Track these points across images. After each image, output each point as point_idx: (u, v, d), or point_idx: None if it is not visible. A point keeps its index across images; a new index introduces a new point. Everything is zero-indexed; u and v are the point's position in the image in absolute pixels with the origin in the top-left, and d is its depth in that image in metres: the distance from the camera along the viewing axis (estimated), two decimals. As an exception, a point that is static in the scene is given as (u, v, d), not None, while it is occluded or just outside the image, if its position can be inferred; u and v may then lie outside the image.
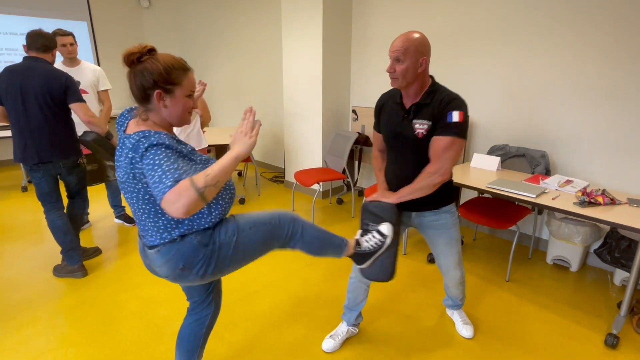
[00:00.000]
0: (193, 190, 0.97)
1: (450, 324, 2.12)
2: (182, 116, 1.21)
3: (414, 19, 3.44)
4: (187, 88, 1.18)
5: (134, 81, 1.14)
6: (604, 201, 2.01)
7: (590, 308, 2.26)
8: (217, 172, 1.04)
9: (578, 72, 2.59)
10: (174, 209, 0.97)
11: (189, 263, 1.18)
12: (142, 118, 1.19)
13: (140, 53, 1.13)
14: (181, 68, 1.17)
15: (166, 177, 0.99)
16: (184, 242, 1.18)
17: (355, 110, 4.08)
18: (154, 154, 1.04)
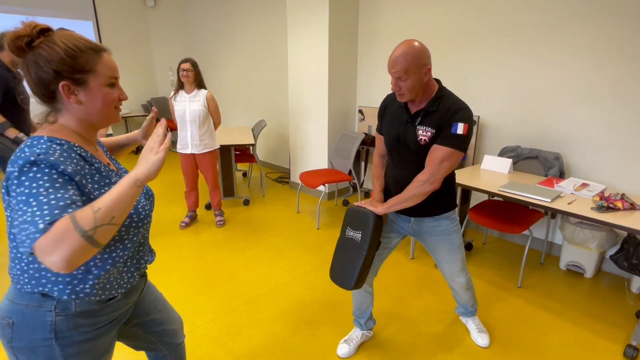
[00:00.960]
0: (76, 235, 0.69)
1: (461, 331, 2.05)
2: (105, 111, 0.91)
3: (421, 17, 3.36)
4: (104, 74, 0.89)
5: (28, 75, 0.84)
6: (623, 206, 1.93)
7: (607, 317, 2.18)
8: (111, 203, 0.75)
9: (593, 71, 2.50)
10: (52, 263, 0.69)
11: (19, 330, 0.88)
12: (50, 121, 0.90)
13: (29, 36, 0.82)
14: (91, 49, 0.87)
15: (41, 214, 0.71)
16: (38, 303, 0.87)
17: (361, 111, 4.01)
18: (31, 178, 0.75)
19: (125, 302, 1.03)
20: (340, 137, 3.84)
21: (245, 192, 4.43)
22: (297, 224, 3.49)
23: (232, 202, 4.03)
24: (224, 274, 2.63)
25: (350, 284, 1.61)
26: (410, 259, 2.84)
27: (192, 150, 3.13)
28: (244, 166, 5.44)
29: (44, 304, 0.87)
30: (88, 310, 0.92)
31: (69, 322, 0.89)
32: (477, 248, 3.02)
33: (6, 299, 0.91)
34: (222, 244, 3.09)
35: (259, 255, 2.89)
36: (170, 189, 4.45)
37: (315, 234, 3.28)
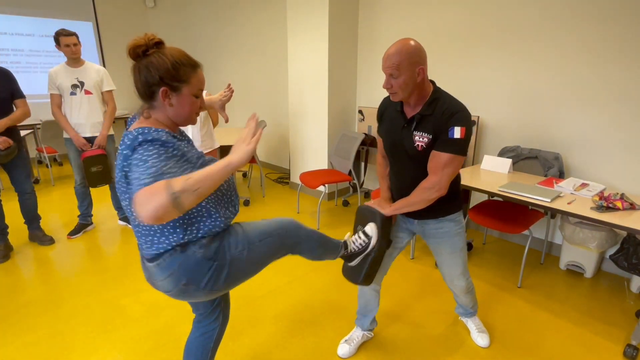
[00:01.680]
0: (166, 193, 0.83)
1: (461, 331, 2.05)
2: (188, 116, 1.12)
3: (421, 18, 3.37)
4: (195, 86, 1.10)
5: (138, 76, 1.05)
6: (622, 206, 1.93)
7: (606, 317, 2.18)
8: (201, 177, 0.89)
9: (593, 71, 2.51)
10: (142, 212, 0.82)
11: (194, 278, 1.09)
12: (145, 116, 1.10)
13: (146, 46, 1.04)
14: (190, 64, 1.08)
15: (147, 174, 0.89)
16: (185, 254, 1.07)
17: (361, 111, 4.01)
18: (145, 149, 0.95)
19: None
20: (340, 137, 3.84)
21: (245, 192, 4.43)
22: (297, 224, 3.49)
23: (232, 202, 4.03)
24: (224, 274, 2.63)
25: (358, 279, 1.64)
26: (410, 259, 2.84)
27: None
28: (243, 167, 5.44)
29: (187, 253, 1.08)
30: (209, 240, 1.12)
31: (208, 250, 1.10)
32: (477, 248, 3.03)
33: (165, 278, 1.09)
34: (222, 244, 3.08)
35: (260, 256, 2.89)
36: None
37: (315, 234, 3.28)
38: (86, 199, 3.23)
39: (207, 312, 1.44)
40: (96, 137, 3.05)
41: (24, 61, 5.54)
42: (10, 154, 2.70)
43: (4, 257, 2.85)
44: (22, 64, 5.52)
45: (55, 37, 2.83)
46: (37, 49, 5.61)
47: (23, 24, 5.44)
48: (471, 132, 1.47)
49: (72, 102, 2.94)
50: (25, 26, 5.47)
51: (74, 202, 3.81)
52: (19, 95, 2.76)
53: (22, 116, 2.77)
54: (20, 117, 2.75)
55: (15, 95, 2.74)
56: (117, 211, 3.45)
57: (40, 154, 5.04)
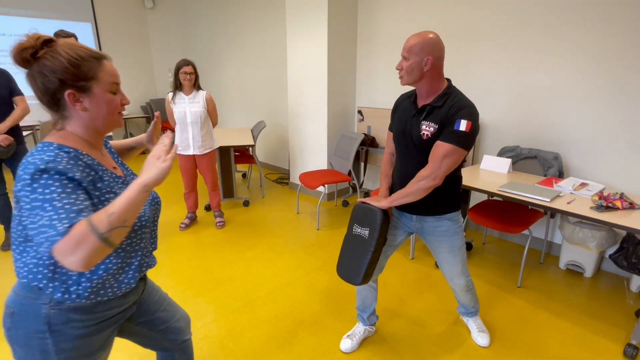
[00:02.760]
0: (94, 238, 0.76)
1: (462, 330, 2.05)
2: (109, 118, 0.95)
3: (421, 17, 3.37)
4: (106, 81, 0.92)
5: (35, 85, 0.88)
6: (622, 205, 1.93)
7: (606, 316, 2.18)
8: (123, 208, 0.81)
9: (592, 71, 2.51)
10: (71, 262, 0.75)
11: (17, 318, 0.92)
12: (57, 129, 0.93)
13: (33, 47, 0.86)
14: (92, 57, 0.90)
15: (58, 218, 0.77)
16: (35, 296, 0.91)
17: (361, 111, 4.01)
18: (43, 185, 0.80)
19: (120, 302, 1.03)
20: (339, 137, 3.84)
21: (244, 193, 4.43)
22: (297, 225, 3.49)
23: (231, 203, 4.03)
24: (224, 275, 2.63)
25: (357, 279, 1.63)
26: (410, 259, 2.84)
27: (194, 151, 3.14)
28: (243, 167, 5.44)
29: (40, 296, 0.91)
30: (81, 306, 0.94)
31: (62, 316, 0.92)
32: (476, 248, 3.03)
33: (12, 291, 0.96)
34: (221, 245, 3.09)
35: (259, 257, 2.89)
36: (170, 190, 4.45)
37: (315, 234, 3.28)
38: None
39: None
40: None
41: (22, 62, 5.53)
42: (10, 150, 2.81)
43: (9, 246, 2.94)
44: (21, 65, 5.51)
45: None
46: (35, 50, 5.60)
47: (22, 25, 5.43)
48: (477, 129, 1.49)
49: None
50: (24, 27, 5.45)
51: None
52: (18, 93, 2.84)
53: (22, 113, 2.86)
54: (21, 115, 2.85)
55: (14, 93, 2.82)
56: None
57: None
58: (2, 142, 2.72)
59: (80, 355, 0.97)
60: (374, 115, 3.87)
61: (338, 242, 3.14)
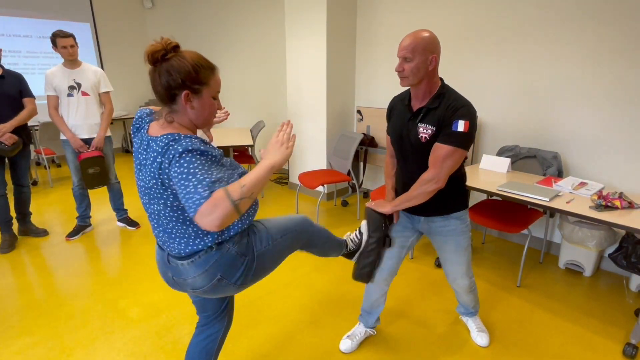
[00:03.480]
0: (229, 202, 0.92)
1: (461, 330, 2.05)
2: (208, 118, 1.15)
3: (420, 16, 3.36)
4: (214, 88, 1.11)
5: (159, 80, 1.05)
6: (621, 205, 1.93)
7: (606, 315, 2.18)
8: (253, 183, 0.99)
9: (591, 71, 2.51)
10: (208, 222, 0.91)
11: (228, 273, 1.14)
12: (168, 120, 1.10)
13: (165, 50, 1.04)
14: (209, 67, 1.09)
15: (202, 186, 0.93)
16: (221, 252, 1.13)
17: (360, 111, 4.01)
18: (188, 161, 0.97)
19: None
20: (338, 137, 3.84)
21: (244, 193, 4.42)
22: (296, 224, 3.49)
23: (231, 203, 4.02)
24: (223, 275, 2.62)
25: (354, 274, 1.69)
26: (410, 259, 2.84)
27: None
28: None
29: (221, 249, 1.13)
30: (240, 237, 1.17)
31: (242, 243, 1.16)
32: (476, 248, 3.02)
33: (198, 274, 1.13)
34: (221, 245, 3.08)
35: (258, 257, 2.88)
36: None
37: (314, 234, 3.27)
38: (84, 200, 3.22)
39: (216, 313, 1.44)
40: (93, 138, 3.04)
41: (21, 62, 5.52)
42: (15, 149, 2.86)
43: (10, 247, 2.96)
44: (20, 65, 5.50)
45: (52, 38, 2.82)
46: (34, 50, 5.59)
47: (20, 25, 5.42)
48: (475, 127, 1.48)
49: (69, 104, 2.93)
50: (23, 27, 5.45)
51: (72, 203, 3.80)
52: (28, 94, 2.95)
53: (28, 115, 2.94)
54: (27, 115, 2.94)
55: (24, 94, 2.92)
56: (116, 212, 3.44)
57: (39, 155, 5.03)
58: (7, 140, 2.77)
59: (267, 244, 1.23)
60: (373, 115, 3.87)
61: (337, 242, 3.14)
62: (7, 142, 2.77)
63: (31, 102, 2.95)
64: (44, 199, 4.24)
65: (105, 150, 3.12)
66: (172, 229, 1.12)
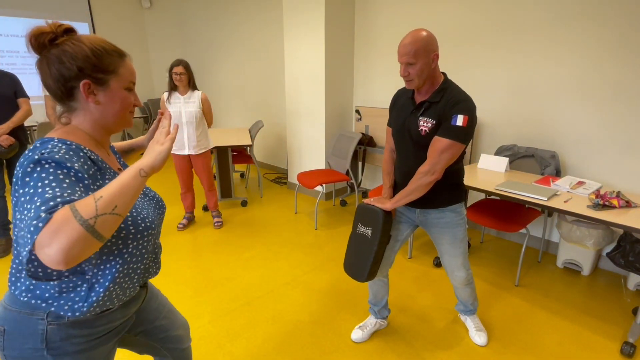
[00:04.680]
0: (75, 223, 0.64)
1: (459, 330, 2.05)
2: (121, 115, 0.92)
3: (418, 16, 3.37)
4: (125, 78, 0.90)
5: (48, 71, 0.83)
6: (619, 204, 1.93)
7: (604, 314, 2.18)
8: (114, 192, 0.71)
9: (589, 70, 2.51)
10: (48, 255, 0.63)
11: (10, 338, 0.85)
12: (63, 122, 0.89)
13: (53, 33, 0.83)
14: (116, 52, 0.89)
15: (37, 205, 0.67)
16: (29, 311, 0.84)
17: (358, 110, 4.01)
18: (36, 178, 0.72)
19: (122, 313, 0.99)
20: (337, 137, 3.84)
21: (242, 193, 4.42)
22: (295, 224, 3.49)
23: (229, 203, 4.03)
24: (221, 275, 2.63)
25: (362, 277, 1.69)
26: (408, 259, 2.84)
27: (189, 151, 3.13)
28: (241, 167, 5.43)
29: (36, 311, 0.84)
30: (82, 320, 0.88)
31: (61, 332, 0.85)
32: (474, 247, 3.03)
33: (1, 305, 0.88)
34: (219, 245, 3.08)
35: (257, 257, 2.89)
36: (168, 190, 4.44)
37: (313, 234, 3.28)
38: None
39: None
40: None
41: (19, 63, 5.51)
42: (12, 151, 2.86)
43: (4, 252, 2.95)
44: (18, 65, 5.48)
45: (50, 38, 2.81)
46: (32, 50, 5.58)
47: (18, 25, 5.41)
48: (474, 122, 1.51)
49: (67, 104, 2.92)
50: (21, 27, 5.43)
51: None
52: (22, 95, 2.94)
53: (24, 116, 2.94)
54: (23, 116, 2.93)
55: (19, 95, 2.91)
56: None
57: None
58: (3, 142, 2.76)
59: None
60: (372, 114, 3.87)
61: (336, 241, 3.14)
62: (3, 144, 2.76)
63: (26, 102, 2.95)
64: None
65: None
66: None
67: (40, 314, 0.84)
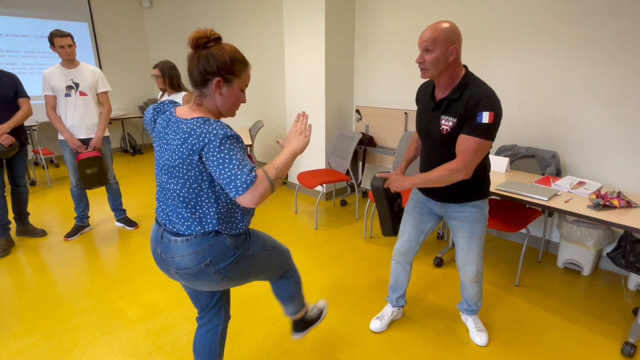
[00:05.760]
0: (267, 181, 1.07)
1: (460, 330, 2.05)
2: (233, 107, 1.24)
3: (418, 16, 3.36)
4: (243, 82, 1.21)
5: (196, 64, 1.14)
6: (619, 204, 1.93)
7: (604, 314, 2.18)
8: (283, 165, 1.15)
9: (590, 70, 2.51)
10: (249, 199, 1.05)
11: (217, 260, 1.20)
12: (197, 103, 1.20)
13: (208, 38, 1.14)
14: (243, 62, 1.20)
15: (245, 168, 1.06)
16: (217, 239, 1.19)
17: (358, 110, 4.01)
18: (229, 147, 1.07)
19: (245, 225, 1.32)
20: (337, 137, 3.83)
21: (243, 193, 4.41)
22: (295, 224, 3.49)
23: (229, 203, 4.02)
24: (222, 275, 2.62)
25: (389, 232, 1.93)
26: (408, 259, 2.84)
27: None
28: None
29: (218, 237, 1.20)
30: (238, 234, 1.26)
31: (237, 241, 1.24)
32: (475, 247, 3.02)
33: (188, 255, 1.18)
34: (220, 245, 3.08)
35: (257, 257, 2.88)
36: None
37: (313, 234, 3.28)
38: (83, 200, 3.22)
39: (209, 306, 1.46)
40: (91, 138, 3.04)
41: (19, 62, 5.51)
42: (12, 150, 2.86)
43: (4, 252, 2.93)
44: (18, 65, 5.48)
45: (50, 38, 2.81)
46: (32, 50, 5.58)
47: (18, 25, 5.41)
48: (500, 117, 1.47)
49: (66, 104, 2.92)
50: (21, 27, 5.43)
51: (70, 203, 3.79)
52: (23, 95, 2.94)
53: (24, 115, 2.94)
54: (24, 116, 2.93)
55: (19, 95, 2.91)
56: (114, 212, 3.43)
57: (37, 155, 5.01)
58: (4, 141, 2.77)
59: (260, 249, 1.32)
60: (372, 114, 3.87)
61: (336, 241, 3.14)
62: (4, 143, 2.77)
63: (26, 102, 2.95)
64: (42, 199, 4.23)
65: (104, 150, 3.11)
66: (181, 208, 1.18)
67: (222, 237, 1.20)
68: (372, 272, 2.65)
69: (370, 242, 3.13)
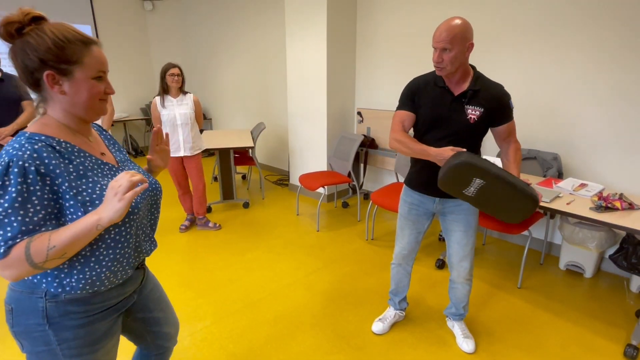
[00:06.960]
0: (26, 264, 0.78)
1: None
2: (90, 104, 0.91)
3: (419, 18, 3.37)
4: (92, 67, 0.89)
5: (16, 61, 0.85)
6: (621, 206, 1.93)
7: (606, 316, 2.18)
8: (66, 243, 0.80)
9: (592, 72, 2.51)
10: (1, 274, 0.80)
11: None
12: (40, 112, 0.91)
13: (20, 22, 0.83)
14: (80, 41, 0.87)
15: (3, 232, 0.78)
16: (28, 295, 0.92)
17: (360, 112, 4.02)
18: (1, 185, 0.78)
19: (118, 291, 1.02)
20: (339, 139, 3.84)
21: (244, 194, 4.43)
22: (297, 226, 3.49)
23: (231, 204, 4.03)
24: (224, 277, 2.63)
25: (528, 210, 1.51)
26: (410, 261, 2.84)
27: (185, 152, 3.15)
28: (243, 169, 5.44)
29: (35, 290, 0.90)
30: (77, 297, 0.93)
31: (59, 308, 0.91)
32: (476, 249, 3.02)
33: (8, 287, 0.95)
34: (222, 247, 3.09)
35: (259, 258, 2.89)
36: (170, 191, 4.44)
37: (315, 236, 3.28)
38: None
39: None
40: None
41: (22, 65, 5.53)
42: None
43: None
44: (21, 67, 5.51)
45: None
46: (35, 52, 5.60)
47: (21, 28, 5.44)
48: None
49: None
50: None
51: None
52: (26, 97, 2.94)
53: (29, 117, 2.95)
54: (27, 119, 2.94)
55: (23, 97, 2.92)
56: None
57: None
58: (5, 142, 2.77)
59: (84, 344, 0.96)
60: (374, 116, 3.88)
61: (338, 243, 3.14)
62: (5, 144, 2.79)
63: (30, 105, 2.97)
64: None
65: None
66: None
67: (39, 292, 0.90)
68: (374, 274, 2.65)
69: (372, 243, 3.13)
